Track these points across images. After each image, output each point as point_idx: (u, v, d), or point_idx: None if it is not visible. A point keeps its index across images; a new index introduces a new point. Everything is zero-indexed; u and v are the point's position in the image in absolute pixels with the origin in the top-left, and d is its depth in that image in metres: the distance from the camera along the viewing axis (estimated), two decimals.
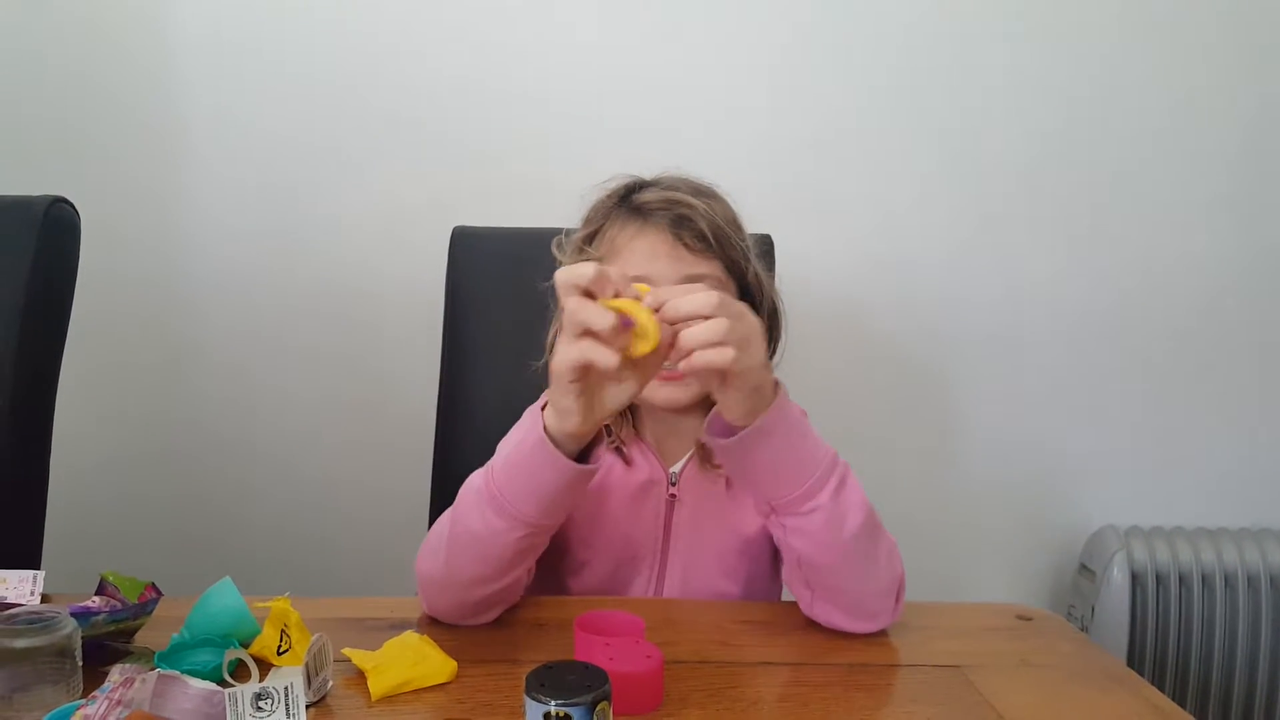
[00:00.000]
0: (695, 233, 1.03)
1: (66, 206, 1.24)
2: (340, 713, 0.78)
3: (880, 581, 0.95)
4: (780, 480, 0.90)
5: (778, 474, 0.90)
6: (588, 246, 1.08)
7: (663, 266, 1.03)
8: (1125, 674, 0.90)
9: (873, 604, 0.95)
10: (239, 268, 1.71)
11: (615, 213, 1.08)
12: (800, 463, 0.90)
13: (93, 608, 0.86)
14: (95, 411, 1.68)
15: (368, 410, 1.73)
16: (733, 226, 1.06)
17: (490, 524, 0.90)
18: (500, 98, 1.68)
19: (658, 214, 1.04)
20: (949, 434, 1.81)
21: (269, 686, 0.71)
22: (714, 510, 1.09)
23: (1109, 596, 1.72)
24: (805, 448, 0.91)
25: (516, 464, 0.90)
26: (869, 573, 0.94)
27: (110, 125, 1.66)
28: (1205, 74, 1.74)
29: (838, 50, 1.71)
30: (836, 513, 0.90)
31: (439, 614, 0.96)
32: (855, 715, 0.80)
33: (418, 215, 1.67)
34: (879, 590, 0.95)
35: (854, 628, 0.95)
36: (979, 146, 1.74)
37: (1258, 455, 1.84)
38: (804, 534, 0.92)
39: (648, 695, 0.79)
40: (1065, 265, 1.77)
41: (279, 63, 1.66)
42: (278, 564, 1.68)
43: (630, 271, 1.03)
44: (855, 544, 0.91)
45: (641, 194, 1.07)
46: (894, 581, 0.96)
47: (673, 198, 1.04)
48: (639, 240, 1.05)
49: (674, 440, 1.12)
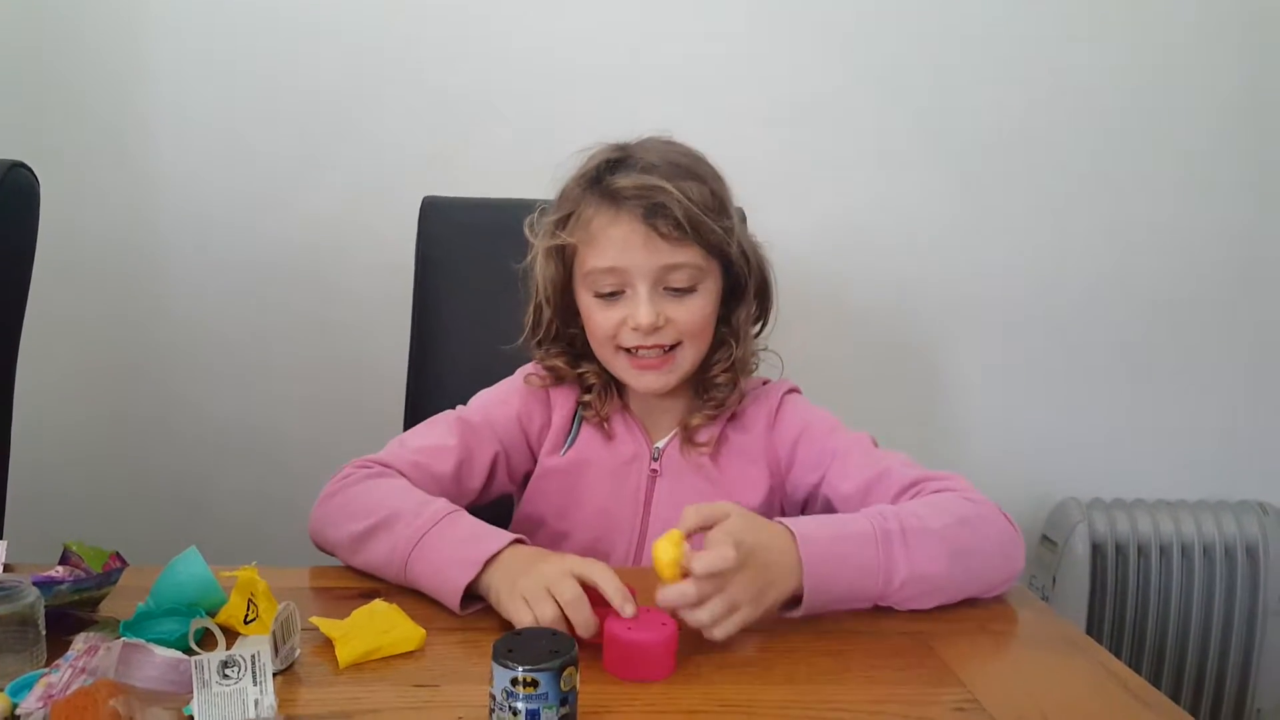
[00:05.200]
0: (670, 221, 1.00)
1: (25, 171, 1.22)
2: (308, 680, 0.78)
3: (996, 571, 0.97)
4: (860, 596, 0.92)
5: (854, 597, 0.91)
6: (560, 231, 1.06)
7: (638, 257, 1.02)
8: (1083, 641, 0.92)
9: (1001, 573, 0.98)
10: (207, 234, 1.68)
11: (588, 197, 1.05)
12: (859, 578, 0.90)
13: (56, 577, 0.85)
14: (57, 379, 1.65)
15: (337, 378, 1.72)
16: (711, 208, 1.03)
17: (374, 555, 0.95)
18: (471, 64, 1.66)
19: (631, 202, 1.01)
20: (915, 406, 1.83)
21: (236, 654, 0.71)
22: (695, 486, 1.10)
23: (1070, 567, 1.75)
24: (851, 568, 0.90)
25: (433, 556, 0.91)
26: (985, 569, 0.96)
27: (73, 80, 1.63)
28: (1183, 50, 1.75)
29: (813, 24, 1.70)
30: (919, 572, 0.91)
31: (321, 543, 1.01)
32: (818, 680, 0.81)
33: (387, 185, 1.65)
34: (1001, 569, 0.98)
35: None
36: (956, 122, 1.74)
37: (1218, 430, 1.87)
38: (918, 600, 0.93)
39: (662, 663, 0.80)
40: (1035, 242, 1.79)
41: (247, 30, 1.63)
42: (245, 533, 1.67)
43: (604, 262, 1.03)
44: (954, 572, 0.93)
45: (615, 177, 1.03)
46: (1007, 558, 0.98)
47: (646, 184, 1.01)
48: (613, 229, 1.03)
49: (660, 415, 1.13)
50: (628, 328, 1.04)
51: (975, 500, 0.99)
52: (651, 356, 1.05)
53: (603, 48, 1.68)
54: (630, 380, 1.08)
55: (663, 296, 1.04)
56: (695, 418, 1.10)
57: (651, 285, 1.03)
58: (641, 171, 1.02)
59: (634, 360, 1.06)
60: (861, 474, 1.05)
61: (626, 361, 1.06)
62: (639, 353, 1.05)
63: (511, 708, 0.66)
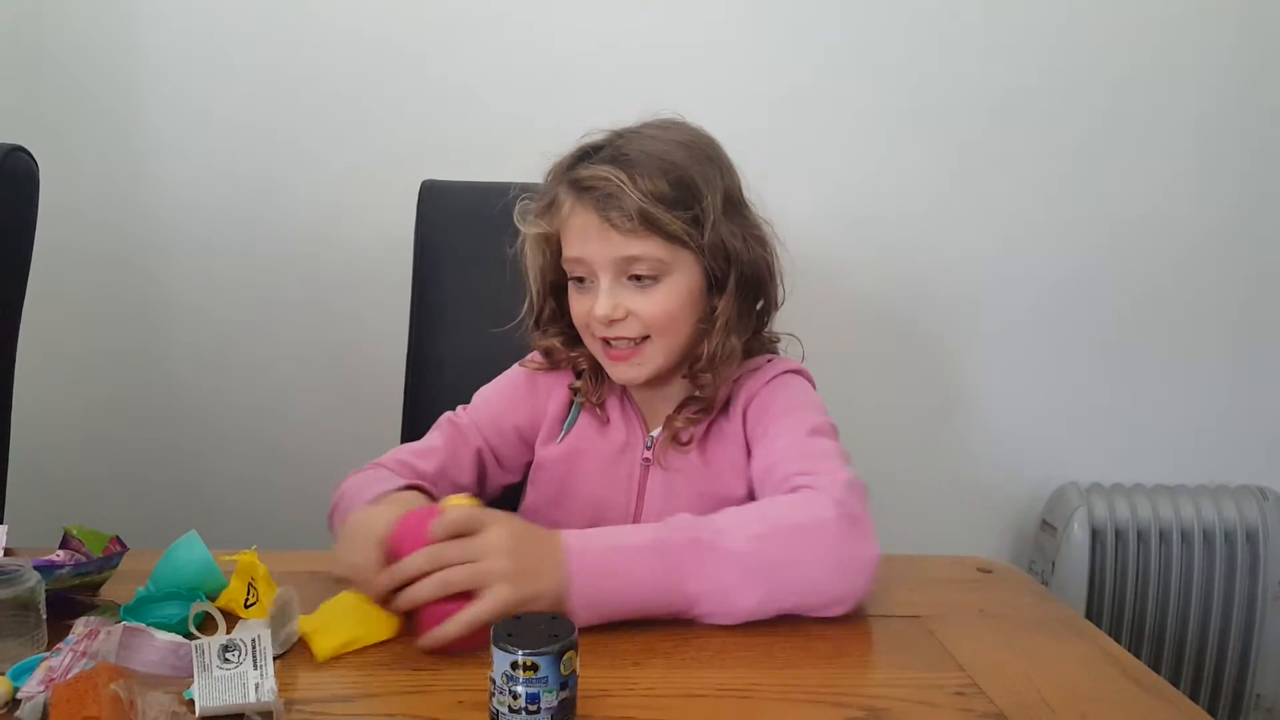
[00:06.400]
0: (623, 213, 0.98)
1: (24, 155, 1.21)
2: (309, 664, 0.78)
3: (820, 587, 0.88)
4: (649, 609, 0.85)
5: (643, 609, 0.85)
6: (541, 218, 1.06)
7: (594, 248, 1.01)
8: (1082, 624, 0.92)
9: (828, 593, 0.89)
10: (206, 218, 1.68)
11: (560, 186, 1.04)
12: (637, 590, 0.85)
13: (57, 561, 0.86)
14: (57, 364, 1.65)
15: (336, 362, 1.72)
16: (670, 200, 0.99)
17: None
18: (470, 47, 1.65)
19: (588, 192, 1.00)
20: (914, 392, 1.83)
21: (236, 638, 0.71)
22: (689, 475, 1.09)
23: (1069, 551, 1.76)
24: (627, 581, 0.84)
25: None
26: (801, 583, 0.88)
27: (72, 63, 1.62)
28: (1176, 31, 1.74)
29: (806, 5, 1.69)
30: (711, 587, 0.85)
31: None
32: (818, 664, 0.81)
33: (386, 168, 1.64)
34: (828, 587, 0.89)
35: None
36: (951, 104, 1.73)
37: (1217, 415, 1.87)
38: (721, 616, 0.87)
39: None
40: (1032, 225, 1.78)
41: (246, 15, 1.62)
42: (245, 517, 1.67)
43: (571, 251, 1.03)
44: (753, 587, 0.86)
45: (579, 166, 1.02)
46: (841, 574, 0.89)
47: (601, 174, 0.99)
48: (574, 219, 1.02)
49: (660, 404, 1.12)
50: (594, 317, 1.03)
51: (819, 509, 0.89)
52: (622, 347, 1.04)
53: (602, 31, 1.67)
54: (608, 370, 1.07)
55: (625, 287, 1.02)
56: (679, 419, 1.08)
57: (613, 276, 1.01)
58: (609, 162, 1.00)
59: (608, 350, 1.05)
60: (763, 462, 1.02)
61: (603, 350, 1.06)
62: (612, 343, 1.04)
63: (512, 691, 0.67)
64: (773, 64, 1.70)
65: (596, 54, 1.67)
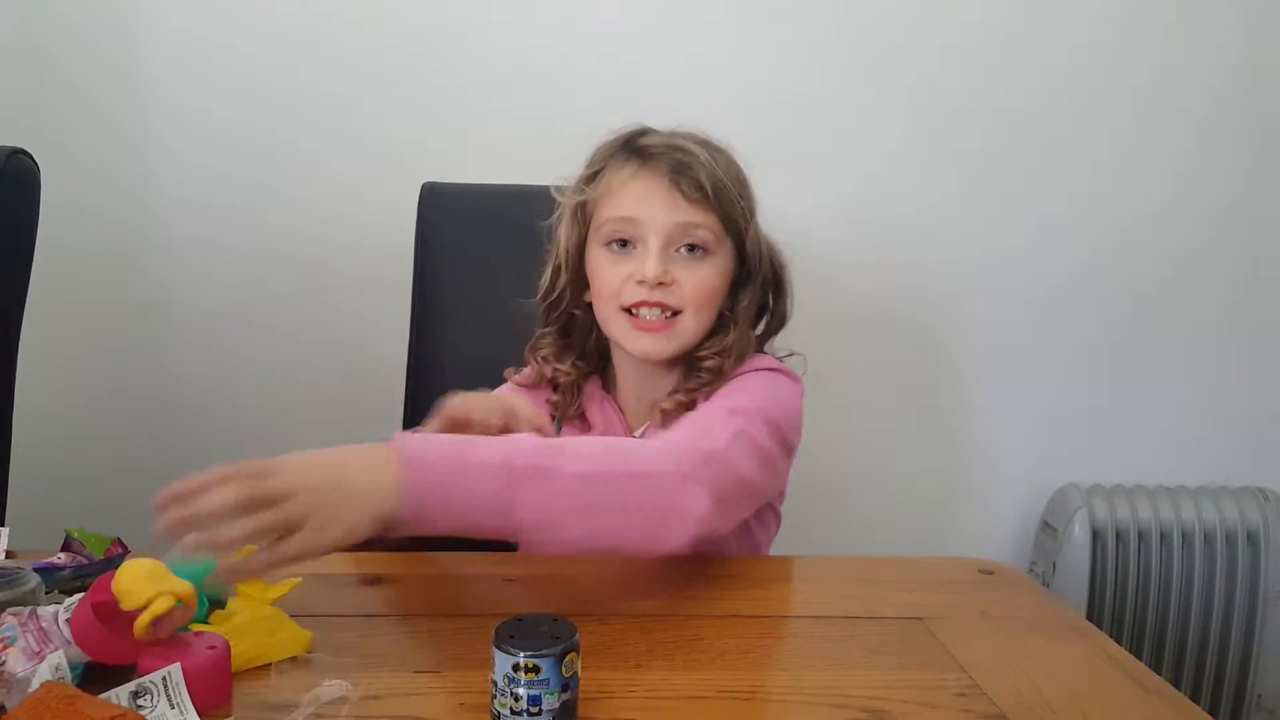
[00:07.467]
0: (693, 181, 1.02)
1: (25, 157, 1.22)
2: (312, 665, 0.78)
3: (639, 534, 0.87)
4: (474, 527, 0.82)
5: (466, 526, 0.82)
6: (586, 186, 1.08)
7: (656, 209, 1.03)
8: (1083, 626, 0.92)
9: (644, 540, 0.88)
10: (208, 220, 1.68)
11: (616, 155, 1.08)
12: (472, 510, 0.81)
13: (58, 564, 0.86)
14: (58, 366, 1.65)
15: (338, 364, 1.72)
16: (736, 183, 1.06)
17: None
18: (471, 50, 1.66)
19: (658, 158, 1.04)
20: (913, 393, 1.83)
21: (146, 681, 0.68)
22: None
23: (1070, 553, 1.75)
24: (465, 498, 0.81)
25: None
26: (626, 528, 0.86)
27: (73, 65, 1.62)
28: (1176, 31, 1.74)
29: (806, 6, 1.69)
30: (545, 516, 0.83)
31: None
32: (817, 665, 0.81)
33: (387, 171, 1.64)
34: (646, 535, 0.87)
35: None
36: (951, 104, 1.73)
37: (1218, 415, 1.87)
38: (545, 546, 0.85)
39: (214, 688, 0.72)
40: (1032, 225, 1.78)
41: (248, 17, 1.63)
42: None
43: (620, 212, 1.04)
44: (578, 521, 0.84)
45: (645, 138, 1.07)
46: (662, 526, 0.86)
47: (676, 143, 1.05)
48: (635, 181, 1.04)
49: (645, 403, 1.12)
50: (633, 282, 1.03)
51: (659, 460, 0.89)
52: (653, 318, 1.04)
53: (602, 33, 1.67)
54: (628, 344, 1.07)
55: (673, 259, 1.04)
56: (667, 402, 1.07)
57: (664, 242, 1.03)
58: (672, 136, 1.07)
59: (635, 321, 1.05)
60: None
61: (627, 322, 1.06)
62: (640, 313, 1.04)
63: (513, 693, 0.67)
64: (773, 65, 1.70)
65: (597, 56, 1.67)
